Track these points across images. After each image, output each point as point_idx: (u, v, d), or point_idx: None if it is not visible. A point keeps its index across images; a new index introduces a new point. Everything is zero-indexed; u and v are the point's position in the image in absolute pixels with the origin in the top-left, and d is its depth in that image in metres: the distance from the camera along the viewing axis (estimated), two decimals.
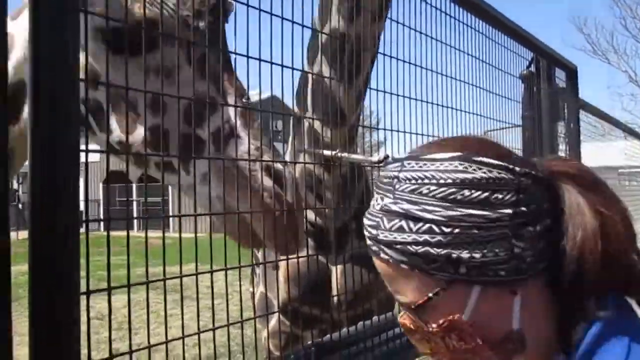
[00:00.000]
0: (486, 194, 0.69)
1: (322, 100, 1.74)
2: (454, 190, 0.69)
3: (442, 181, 0.70)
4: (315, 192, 1.90)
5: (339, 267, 1.95)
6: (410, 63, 1.58)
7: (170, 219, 1.21)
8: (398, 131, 1.49)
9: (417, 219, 0.70)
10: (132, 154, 1.11)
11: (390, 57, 1.54)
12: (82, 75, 0.80)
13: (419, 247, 0.70)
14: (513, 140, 2.49)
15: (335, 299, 1.90)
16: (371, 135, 1.99)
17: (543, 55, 2.51)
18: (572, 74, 2.89)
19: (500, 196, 0.69)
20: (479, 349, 0.73)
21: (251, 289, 2.86)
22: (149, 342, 0.91)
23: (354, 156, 1.42)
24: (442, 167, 0.71)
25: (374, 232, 0.75)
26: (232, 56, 1.11)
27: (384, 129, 1.53)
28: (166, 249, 1.08)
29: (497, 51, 2.07)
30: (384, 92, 1.49)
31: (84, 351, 0.68)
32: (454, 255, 0.69)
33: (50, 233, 0.62)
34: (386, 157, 1.24)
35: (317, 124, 1.78)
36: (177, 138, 1.05)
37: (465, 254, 0.69)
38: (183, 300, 1.00)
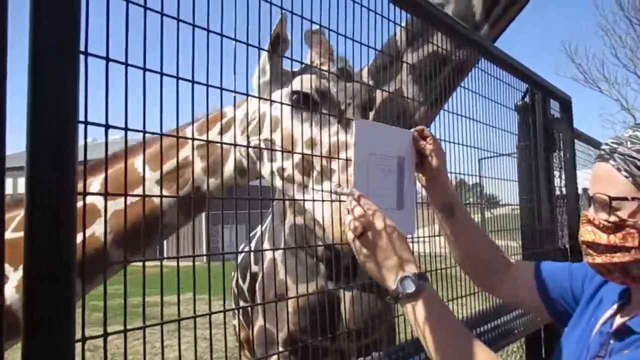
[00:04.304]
0: None
1: (397, 117, 1.70)
2: None
3: None
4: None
5: (349, 295, 1.92)
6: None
7: (165, 247, 1.27)
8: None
9: None
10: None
11: (388, 92, 1.55)
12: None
13: None
14: (509, 170, 2.51)
15: (344, 328, 1.86)
16: None
17: (538, 87, 2.55)
18: (566, 104, 2.92)
19: None
20: (629, 252, 1.02)
21: (233, 322, 2.81)
22: None
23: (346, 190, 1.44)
24: None
25: (615, 146, 1.07)
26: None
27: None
28: (161, 278, 1.08)
29: (492, 84, 2.10)
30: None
31: None
32: None
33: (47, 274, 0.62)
34: None
35: None
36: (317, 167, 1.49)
37: None
38: (171, 330, 0.99)
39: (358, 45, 1.33)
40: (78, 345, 0.68)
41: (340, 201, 1.29)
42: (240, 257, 2.56)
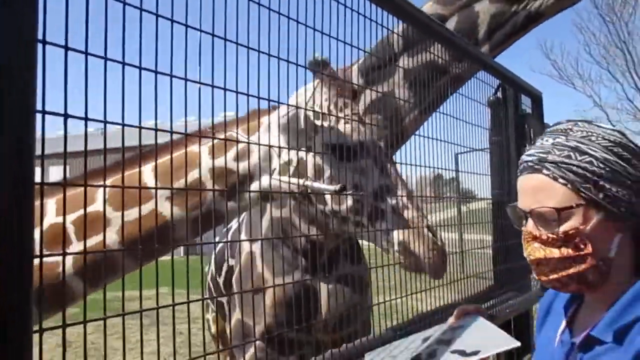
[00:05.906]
0: (629, 156, 1.01)
1: (389, 118, 1.75)
2: (612, 145, 1.01)
3: (605, 137, 1.02)
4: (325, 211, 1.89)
5: (327, 288, 1.94)
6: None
7: None
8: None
9: (582, 152, 1.00)
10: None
11: (366, 88, 1.56)
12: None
13: (579, 170, 0.99)
14: (481, 164, 2.56)
15: (322, 320, 1.89)
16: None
17: (509, 82, 2.60)
18: (537, 100, 2.99)
19: (637, 163, 1.01)
20: (584, 260, 0.99)
21: (207, 316, 2.81)
22: None
23: (316, 185, 1.48)
24: (607, 131, 1.03)
25: (542, 155, 1.03)
26: None
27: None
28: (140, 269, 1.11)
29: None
30: (357, 121, 1.53)
31: None
32: (600, 183, 0.98)
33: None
34: (343, 187, 1.42)
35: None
36: (368, 207, 1.60)
37: (607, 184, 0.98)
38: (146, 324, 1.00)
39: (342, 44, 1.36)
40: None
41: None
42: (215, 250, 2.56)
